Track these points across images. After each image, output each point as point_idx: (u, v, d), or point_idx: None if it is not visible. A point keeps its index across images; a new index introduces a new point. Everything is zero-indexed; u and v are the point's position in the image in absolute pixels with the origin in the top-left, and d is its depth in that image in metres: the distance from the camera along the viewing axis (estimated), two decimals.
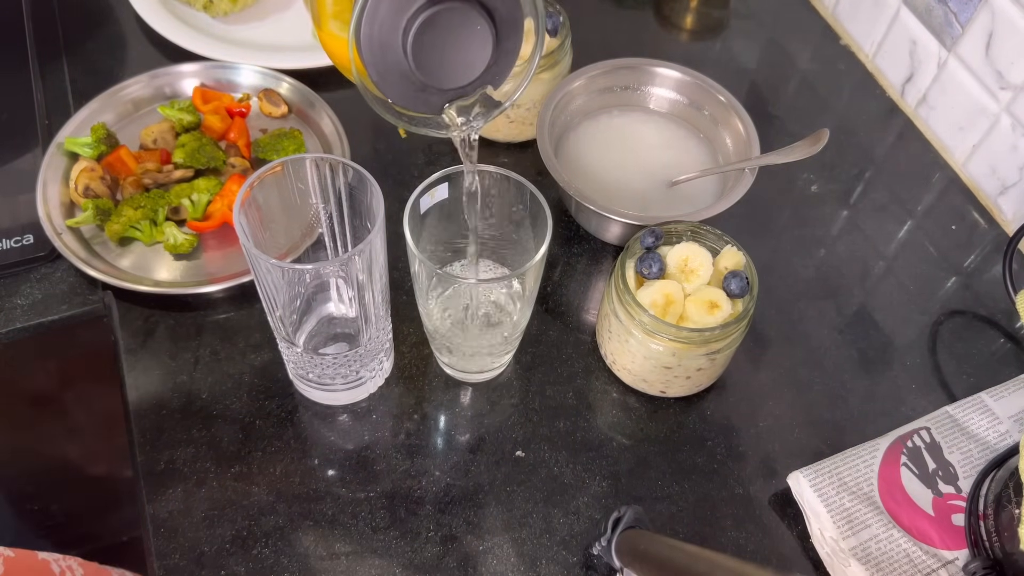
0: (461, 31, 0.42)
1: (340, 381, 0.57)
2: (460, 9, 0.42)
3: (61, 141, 0.69)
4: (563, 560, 0.54)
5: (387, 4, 0.41)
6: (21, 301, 0.63)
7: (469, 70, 0.44)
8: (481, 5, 0.42)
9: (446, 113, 0.46)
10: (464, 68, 0.44)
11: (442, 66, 0.43)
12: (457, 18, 0.42)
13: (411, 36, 0.41)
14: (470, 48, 0.43)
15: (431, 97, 0.45)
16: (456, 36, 0.43)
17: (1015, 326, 0.67)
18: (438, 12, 0.41)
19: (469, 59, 0.44)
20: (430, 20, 0.41)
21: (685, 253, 0.58)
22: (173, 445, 0.57)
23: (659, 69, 0.72)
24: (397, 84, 0.44)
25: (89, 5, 0.84)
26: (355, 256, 0.48)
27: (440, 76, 0.44)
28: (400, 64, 0.43)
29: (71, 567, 0.64)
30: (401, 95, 0.45)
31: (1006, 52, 0.70)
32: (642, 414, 0.61)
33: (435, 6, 0.41)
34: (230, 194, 0.67)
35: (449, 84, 0.44)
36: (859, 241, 0.72)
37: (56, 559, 0.63)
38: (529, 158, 0.75)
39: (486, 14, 0.43)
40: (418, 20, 0.41)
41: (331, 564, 0.53)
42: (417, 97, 0.45)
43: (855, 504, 0.54)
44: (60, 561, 0.63)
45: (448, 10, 0.41)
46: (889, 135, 0.80)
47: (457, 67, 0.44)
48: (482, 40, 0.43)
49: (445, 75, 0.44)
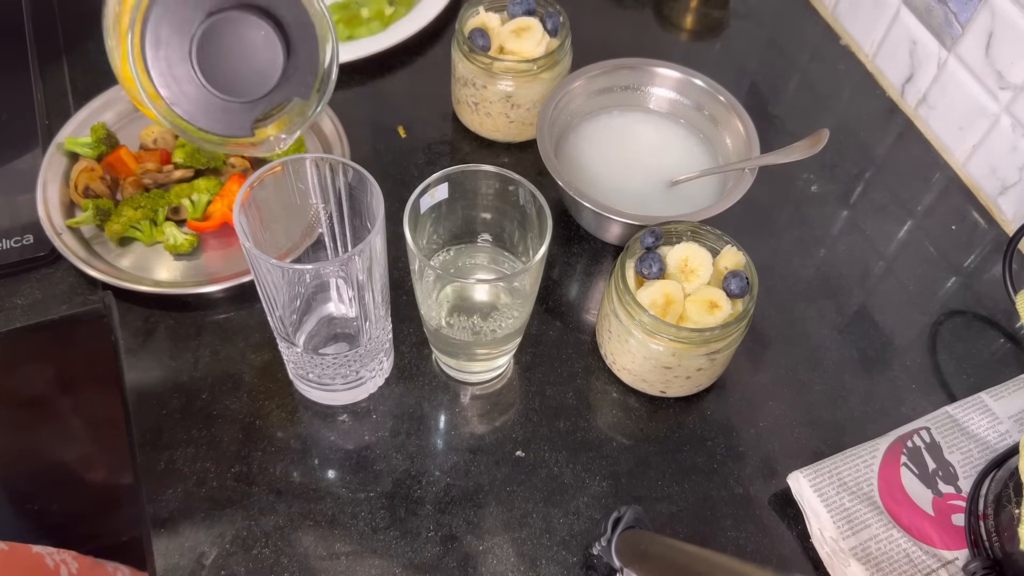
0: (245, 39, 0.42)
1: (340, 381, 0.57)
2: (238, 18, 0.42)
3: (61, 141, 0.69)
4: (563, 560, 0.54)
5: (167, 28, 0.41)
6: (21, 301, 0.63)
7: (264, 78, 0.44)
8: (262, 11, 0.42)
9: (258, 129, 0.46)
10: (258, 76, 0.44)
11: (233, 77, 0.43)
12: (237, 26, 0.42)
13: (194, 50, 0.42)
14: (258, 54, 0.43)
15: (237, 117, 0.45)
16: (241, 44, 0.43)
17: (1015, 326, 0.67)
18: (216, 23, 0.41)
19: (260, 66, 0.44)
20: (209, 32, 0.41)
21: (685, 253, 0.58)
22: (173, 445, 0.57)
23: (659, 69, 0.72)
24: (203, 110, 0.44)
25: (89, 5, 0.83)
26: (355, 256, 0.48)
27: (233, 87, 0.44)
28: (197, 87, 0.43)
29: (65, 560, 0.64)
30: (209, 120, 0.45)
31: (1006, 52, 0.70)
32: (642, 414, 0.61)
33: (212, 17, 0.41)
34: (230, 194, 0.67)
35: (247, 95, 0.44)
36: (859, 241, 0.72)
37: (50, 552, 0.63)
38: (529, 158, 0.75)
39: (270, 20, 0.43)
40: (199, 32, 0.41)
41: (331, 564, 0.53)
42: (225, 119, 0.45)
43: (855, 504, 0.54)
44: (55, 555, 0.63)
45: (225, 20, 0.42)
46: (889, 135, 0.80)
47: (250, 75, 0.44)
48: (269, 45, 0.43)
49: (240, 85, 0.44)
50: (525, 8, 0.71)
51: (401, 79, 0.80)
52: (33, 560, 0.61)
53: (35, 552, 0.62)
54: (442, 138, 0.76)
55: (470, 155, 0.75)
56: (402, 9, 0.83)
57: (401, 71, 0.81)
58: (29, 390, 0.75)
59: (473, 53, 0.69)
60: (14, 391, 0.74)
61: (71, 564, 0.65)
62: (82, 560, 0.67)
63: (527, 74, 0.70)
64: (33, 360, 0.71)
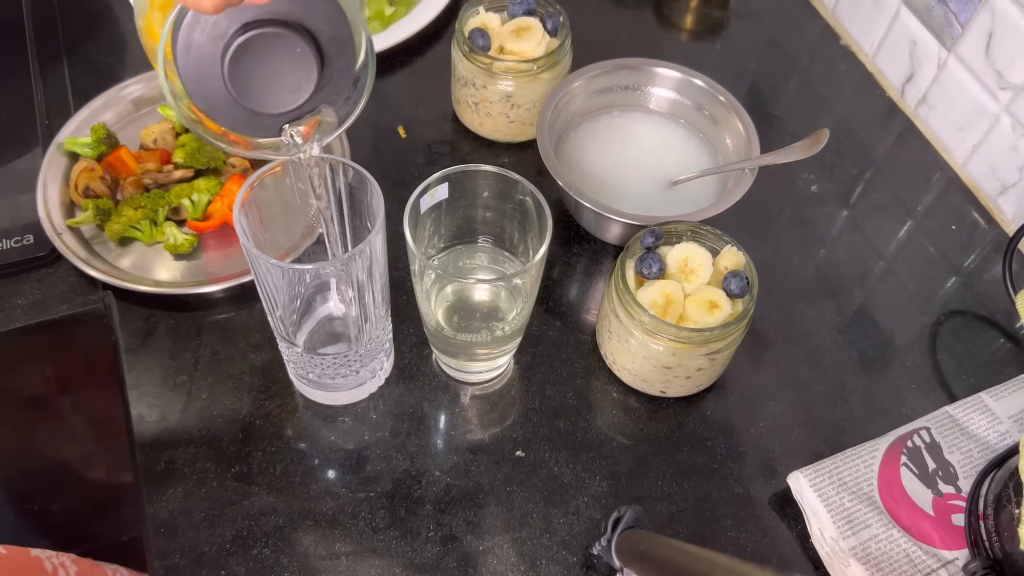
0: (280, 55, 0.41)
1: (340, 381, 0.57)
2: (276, 34, 0.40)
3: (61, 141, 0.69)
4: (563, 560, 0.54)
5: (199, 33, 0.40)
6: (21, 301, 0.63)
7: (295, 94, 0.43)
8: (302, 27, 0.41)
9: (284, 134, 0.45)
10: (289, 92, 0.43)
11: (265, 92, 0.42)
12: (274, 42, 0.41)
13: (226, 64, 0.40)
14: (292, 72, 0.42)
15: (265, 121, 0.44)
16: (275, 60, 0.41)
17: (1015, 326, 0.67)
18: (252, 38, 0.40)
19: (293, 83, 0.42)
20: (244, 46, 0.40)
21: (685, 253, 0.58)
22: (173, 445, 0.57)
23: (659, 69, 0.72)
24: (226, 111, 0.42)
25: (89, 5, 0.84)
26: (355, 256, 0.48)
27: (264, 102, 0.42)
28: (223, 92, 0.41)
29: (64, 564, 0.64)
30: (233, 122, 0.43)
31: (1006, 52, 0.70)
32: (642, 414, 0.61)
33: (249, 31, 0.40)
34: (230, 194, 0.67)
35: (275, 109, 0.43)
36: (859, 241, 0.72)
37: (49, 556, 0.63)
38: (529, 158, 0.75)
39: (307, 35, 0.41)
40: (232, 46, 0.40)
41: (331, 564, 0.53)
42: (251, 122, 0.44)
43: (855, 504, 0.54)
44: (53, 558, 0.63)
45: (263, 35, 0.40)
46: (889, 135, 0.80)
47: (281, 92, 0.43)
48: (304, 63, 0.42)
49: (269, 100, 0.43)
50: (525, 8, 0.71)
51: (401, 79, 0.80)
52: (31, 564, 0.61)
53: (33, 556, 0.62)
54: (442, 138, 0.76)
55: (470, 155, 0.75)
56: (402, 9, 0.83)
57: (401, 71, 0.81)
58: (29, 390, 0.75)
59: (473, 53, 0.69)
60: (14, 391, 0.74)
61: (70, 567, 0.65)
62: (81, 563, 0.67)
63: (527, 74, 0.70)
64: (33, 360, 0.71)
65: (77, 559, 0.66)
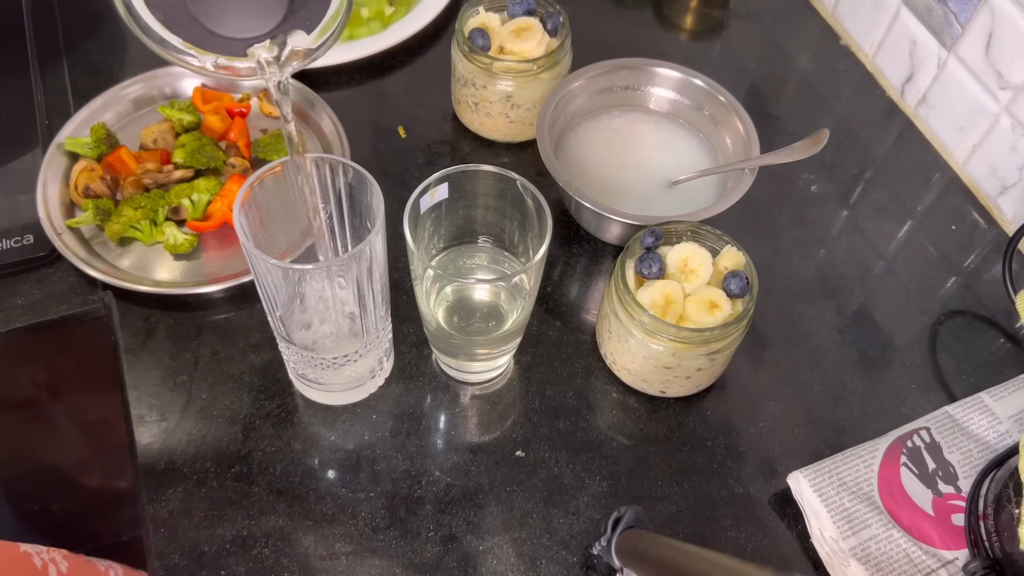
0: None
1: (340, 381, 0.57)
2: None
3: (61, 141, 0.69)
4: (563, 560, 0.54)
5: None
6: (21, 301, 0.63)
7: (264, 19, 0.39)
8: None
9: (250, 54, 0.40)
10: (257, 17, 0.39)
11: (229, 15, 0.38)
12: None
13: None
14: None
15: (230, 42, 0.40)
16: None
17: (1015, 326, 0.67)
18: None
19: (261, 8, 0.39)
20: None
21: (685, 253, 0.58)
22: (173, 445, 0.57)
23: (659, 69, 0.72)
24: (188, 24, 0.38)
25: (89, 5, 0.84)
26: (355, 256, 0.48)
27: (230, 25, 0.39)
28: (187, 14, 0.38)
29: (55, 559, 0.64)
30: (194, 36, 0.39)
31: (1006, 52, 0.70)
32: (642, 414, 0.61)
33: None
34: (230, 194, 0.67)
35: (242, 33, 0.39)
36: (859, 241, 0.72)
37: (39, 551, 0.63)
38: (529, 158, 0.75)
39: None
40: None
41: (331, 564, 0.53)
42: (214, 39, 0.39)
43: (855, 504, 0.54)
44: (43, 554, 0.63)
45: None
46: (889, 135, 0.80)
47: (248, 16, 0.39)
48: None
49: (235, 24, 0.39)
50: (525, 8, 0.71)
51: (401, 79, 0.80)
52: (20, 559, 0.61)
53: (23, 551, 0.61)
54: (442, 138, 0.76)
55: (470, 155, 0.75)
56: (402, 9, 0.83)
57: (401, 71, 0.81)
58: (29, 390, 0.75)
59: (473, 53, 0.69)
60: (14, 391, 0.74)
61: (60, 563, 0.64)
62: (72, 559, 0.66)
63: (527, 74, 0.70)
64: (33, 360, 0.71)
65: (68, 555, 0.66)
